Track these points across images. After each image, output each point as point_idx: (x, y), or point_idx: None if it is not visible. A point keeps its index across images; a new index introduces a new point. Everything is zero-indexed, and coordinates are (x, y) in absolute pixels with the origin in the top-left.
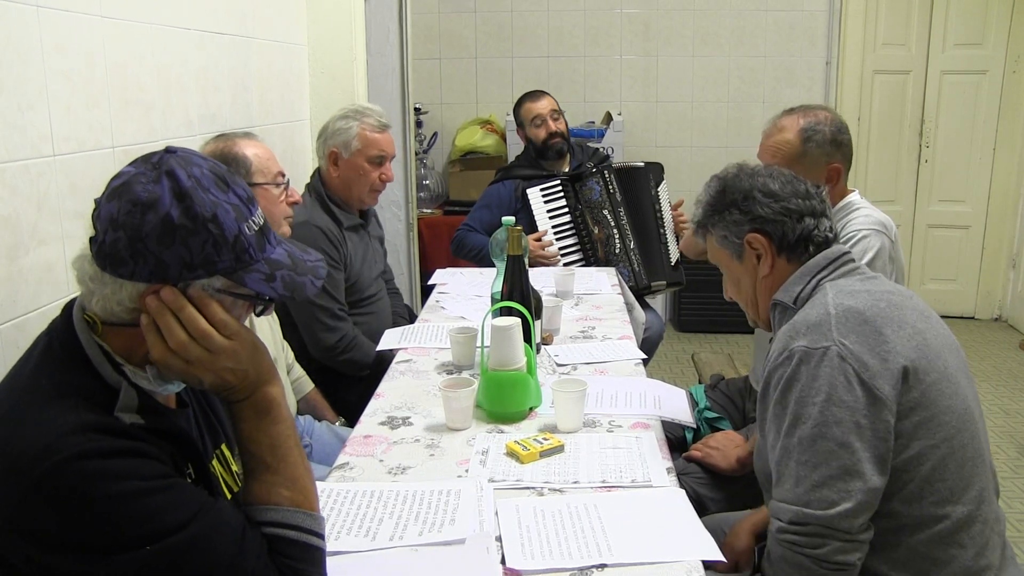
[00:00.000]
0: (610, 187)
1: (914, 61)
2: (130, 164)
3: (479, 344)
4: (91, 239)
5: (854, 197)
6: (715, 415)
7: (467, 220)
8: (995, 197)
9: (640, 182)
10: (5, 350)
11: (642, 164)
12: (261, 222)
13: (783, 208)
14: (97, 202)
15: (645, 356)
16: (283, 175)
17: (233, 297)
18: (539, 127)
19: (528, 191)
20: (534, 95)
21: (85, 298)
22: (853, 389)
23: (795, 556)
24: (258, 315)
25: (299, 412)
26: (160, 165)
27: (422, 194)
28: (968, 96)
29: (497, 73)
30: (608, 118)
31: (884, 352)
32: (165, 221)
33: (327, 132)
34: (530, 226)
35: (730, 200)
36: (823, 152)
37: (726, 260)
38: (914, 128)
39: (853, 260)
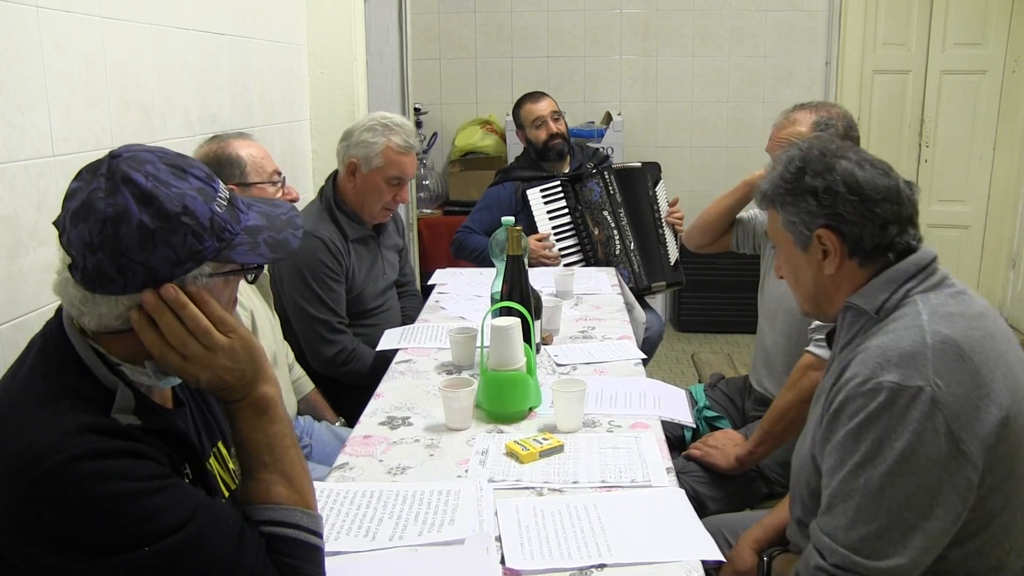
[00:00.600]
0: (610, 188)
1: (914, 61)
2: (76, 179)
3: (479, 344)
4: (69, 266)
5: None
6: (714, 414)
7: (467, 222)
8: (995, 197)
9: (638, 182)
10: (5, 350)
11: (639, 164)
12: (228, 194)
13: (868, 212)
14: (58, 226)
15: (645, 356)
16: (279, 173)
17: (224, 276)
18: (539, 128)
19: (528, 192)
20: (534, 96)
21: (77, 319)
22: (938, 440)
23: None
24: (251, 282)
25: (299, 412)
26: (113, 174)
27: (422, 194)
28: (968, 96)
29: (497, 73)
30: (608, 118)
31: (978, 399)
32: (140, 229)
33: (351, 140)
34: (530, 227)
35: (809, 186)
36: None
37: (787, 245)
38: (914, 128)
39: (939, 267)
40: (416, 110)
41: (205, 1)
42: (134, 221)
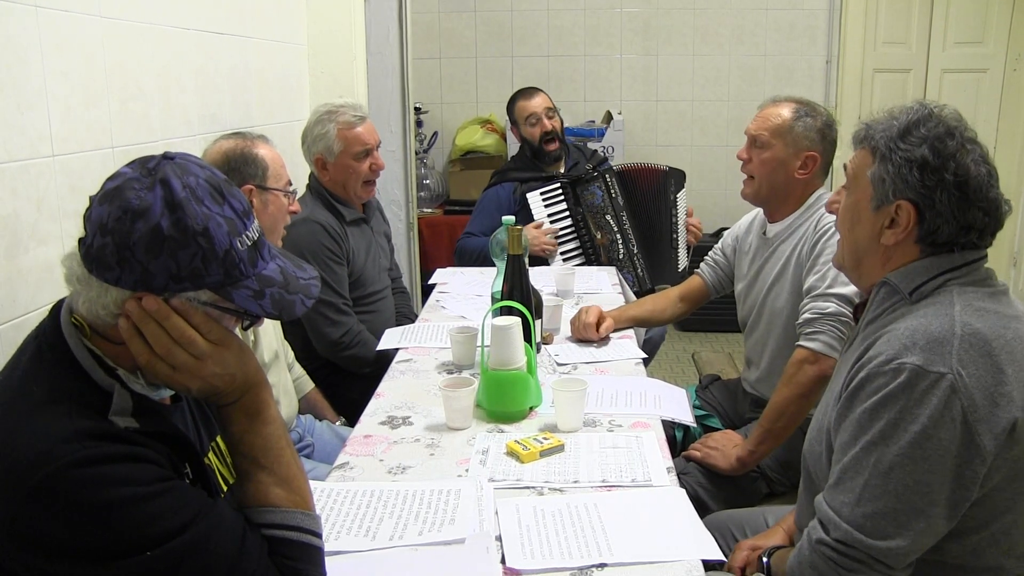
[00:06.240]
0: (612, 191)
1: (914, 59)
2: (128, 165)
3: (479, 344)
4: (80, 240)
5: (822, 191)
6: (704, 413)
7: (467, 228)
8: None
9: (648, 185)
10: (5, 350)
11: (667, 168)
12: (255, 236)
13: (960, 211)
14: (91, 200)
15: (645, 356)
16: (290, 184)
17: (220, 311)
18: (534, 126)
19: (528, 195)
20: (527, 93)
21: (73, 298)
22: (954, 428)
23: (827, 570)
24: (245, 329)
25: (299, 412)
26: (155, 172)
27: (422, 194)
28: (968, 95)
29: (497, 72)
30: (608, 117)
31: (998, 395)
32: (154, 231)
33: (308, 139)
34: None
35: (919, 158)
36: (807, 136)
37: (862, 192)
38: None
39: (986, 266)
40: (416, 109)
41: (205, 1)
42: (152, 221)
